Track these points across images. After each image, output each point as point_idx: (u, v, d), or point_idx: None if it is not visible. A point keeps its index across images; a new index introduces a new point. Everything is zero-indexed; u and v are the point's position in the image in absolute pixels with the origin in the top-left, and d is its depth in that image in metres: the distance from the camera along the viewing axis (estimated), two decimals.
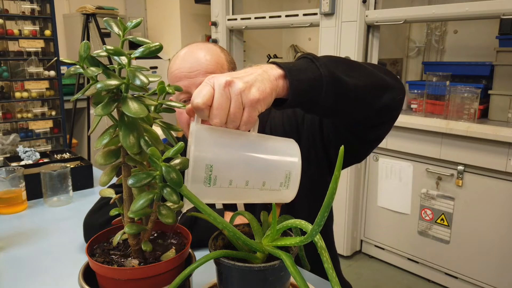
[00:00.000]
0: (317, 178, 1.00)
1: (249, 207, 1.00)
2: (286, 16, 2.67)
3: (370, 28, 2.28)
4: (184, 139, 1.10)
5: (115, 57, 0.54)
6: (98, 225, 0.91)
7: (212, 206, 0.63)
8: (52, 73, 1.97)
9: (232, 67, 1.00)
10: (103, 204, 0.97)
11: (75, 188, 1.33)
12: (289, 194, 0.62)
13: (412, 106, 2.34)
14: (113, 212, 0.60)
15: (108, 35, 3.27)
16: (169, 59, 4.02)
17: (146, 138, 0.54)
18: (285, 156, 0.61)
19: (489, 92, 2.08)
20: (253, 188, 0.59)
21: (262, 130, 1.02)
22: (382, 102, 0.75)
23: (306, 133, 0.97)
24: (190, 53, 0.96)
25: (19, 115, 1.92)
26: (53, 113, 2.00)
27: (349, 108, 0.73)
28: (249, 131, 0.61)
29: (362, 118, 0.79)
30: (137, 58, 0.54)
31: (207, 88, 0.57)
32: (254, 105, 0.58)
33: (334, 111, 0.72)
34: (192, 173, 0.55)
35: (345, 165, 0.98)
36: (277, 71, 0.63)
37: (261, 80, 0.60)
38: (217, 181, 0.56)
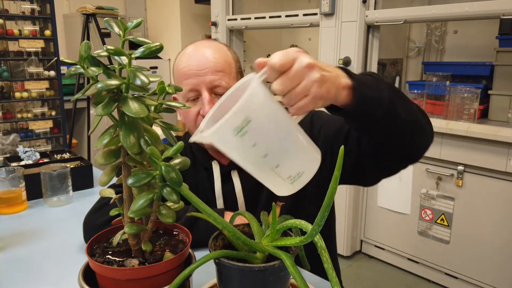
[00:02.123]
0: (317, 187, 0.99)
1: (251, 208, 1.00)
2: (286, 16, 2.67)
3: (370, 28, 2.28)
4: (185, 138, 1.10)
5: (116, 57, 0.54)
6: (98, 225, 0.90)
7: (212, 206, 0.63)
8: (52, 73, 1.97)
9: (239, 66, 1.00)
10: (103, 204, 0.97)
11: (75, 188, 1.32)
12: (288, 189, 0.62)
13: None
14: (113, 212, 0.60)
15: (108, 35, 3.27)
16: (169, 59, 4.02)
17: (146, 138, 0.54)
18: (309, 158, 0.61)
19: (489, 92, 2.08)
20: (266, 163, 0.58)
21: None
22: (417, 143, 0.81)
23: (318, 145, 0.96)
24: (199, 51, 0.96)
25: (19, 115, 1.92)
26: (53, 113, 2.00)
27: (388, 134, 0.76)
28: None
29: (392, 148, 0.81)
30: (137, 58, 0.54)
31: (291, 57, 0.58)
32: (315, 99, 0.60)
33: (373, 131, 0.76)
34: (231, 115, 0.53)
35: (348, 182, 0.99)
36: (346, 81, 0.65)
37: (332, 82, 0.62)
38: (245, 137, 0.55)
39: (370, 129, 0.74)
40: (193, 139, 0.58)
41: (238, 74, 0.99)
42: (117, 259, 0.59)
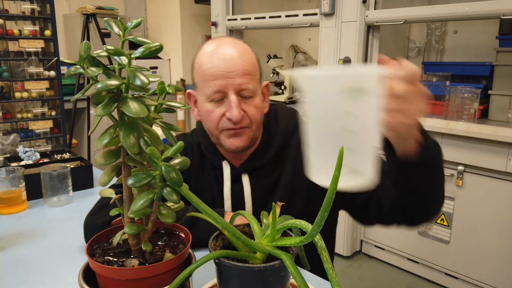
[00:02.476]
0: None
1: (258, 213, 1.00)
2: (286, 16, 2.67)
3: (370, 28, 2.28)
4: (192, 136, 1.09)
5: (116, 57, 0.54)
6: (99, 226, 0.89)
7: (212, 206, 0.63)
8: (52, 73, 1.97)
9: (260, 66, 0.99)
10: (104, 205, 0.96)
11: (75, 188, 1.33)
12: (324, 176, 0.58)
13: None
14: (113, 212, 0.60)
15: (108, 35, 3.27)
16: (169, 59, 4.02)
17: (146, 138, 0.54)
18: (373, 168, 0.59)
19: (489, 92, 2.08)
20: (343, 138, 0.56)
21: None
22: (426, 215, 0.88)
23: None
24: (226, 51, 0.92)
25: (19, 115, 1.92)
26: (53, 113, 2.00)
27: (415, 195, 0.81)
28: None
29: (407, 207, 0.86)
30: (137, 58, 0.54)
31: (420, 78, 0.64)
32: (409, 124, 0.67)
33: (405, 186, 0.81)
34: (353, 72, 0.53)
35: (348, 211, 1.03)
36: (420, 136, 0.72)
37: (417, 126, 0.70)
38: (346, 100, 0.53)
39: (406, 183, 0.78)
40: (292, 72, 0.59)
41: (260, 76, 0.98)
42: (117, 259, 0.59)
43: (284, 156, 1.02)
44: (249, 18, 2.90)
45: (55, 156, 1.55)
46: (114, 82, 0.51)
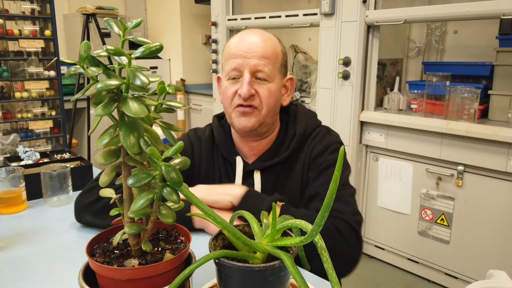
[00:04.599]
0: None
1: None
2: (286, 16, 2.67)
3: (370, 28, 2.28)
4: (205, 130, 1.13)
5: (116, 57, 0.54)
6: (85, 205, 0.99)
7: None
8: (52, 73, 1.97)
9: (285, 59, 1.04)
10: (93, 186, 1.03)
11: (75, 188, 1.32)
12: None
13: (412, 106, 2.34)
14: (113, 212, 0.61)
15: (108, 35, 3.27)
16: (169, 59, 4.02)
17: (146, 138, 0.54)
18: None
19: (489, 92, 2.08)
20: None
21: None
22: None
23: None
24: (251, 36, 1.00)
25: (19, 115, 1.92)
26: (53, 113, 2.00)
27: None
28: None
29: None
30: (137, 58, 0.54)
31: None
32: None
33: None
34: None
35: None
36: None
37: None
38: None
39: None
40: None
41: (283, 66, 1.03)
42: (117, 259, 0.59)
43: (298, 157, 1.05)
44: (249, 18, 2.90)
45: (55, 156, 1.55)
46: (114, 82, 0.51)
